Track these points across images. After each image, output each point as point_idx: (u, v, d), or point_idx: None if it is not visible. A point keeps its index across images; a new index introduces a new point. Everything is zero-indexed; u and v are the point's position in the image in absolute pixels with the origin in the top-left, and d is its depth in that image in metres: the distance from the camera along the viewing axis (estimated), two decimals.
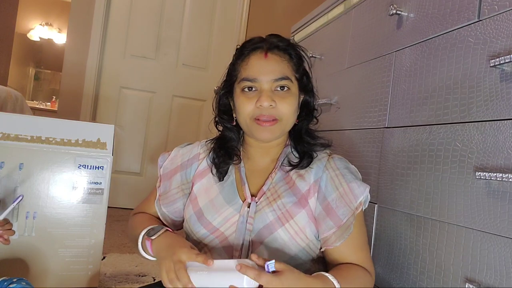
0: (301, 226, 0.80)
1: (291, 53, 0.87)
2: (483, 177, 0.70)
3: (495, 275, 0.69)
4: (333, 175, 0.84)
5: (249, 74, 0.84)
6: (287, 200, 0.82)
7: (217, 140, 0.94)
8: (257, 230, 0.81)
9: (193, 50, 2.90)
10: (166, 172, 0.96)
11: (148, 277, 1.50)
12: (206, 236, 0.83)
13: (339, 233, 0.79)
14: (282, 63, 0.85)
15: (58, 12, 5.51)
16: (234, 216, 0.83)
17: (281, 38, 0.87)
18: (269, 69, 0.83)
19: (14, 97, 2.88)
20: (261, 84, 0.83)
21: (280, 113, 0.83)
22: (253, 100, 0.82)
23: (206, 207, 0.86)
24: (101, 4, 2.71)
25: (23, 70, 5.60)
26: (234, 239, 0.81)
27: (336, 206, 0.81)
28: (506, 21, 0.73)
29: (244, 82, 0.84)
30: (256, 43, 0.87)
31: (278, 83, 0.83)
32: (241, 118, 0.86)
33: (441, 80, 0.89)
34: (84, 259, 1.31)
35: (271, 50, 0.85)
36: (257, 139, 0.86)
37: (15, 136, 1.26)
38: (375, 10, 1.22)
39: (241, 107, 0.84)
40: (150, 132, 2.85)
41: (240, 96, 0.85)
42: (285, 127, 0.86)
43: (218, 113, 0.92)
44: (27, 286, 0.94)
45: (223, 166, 0.89)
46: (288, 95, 0.84)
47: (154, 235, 0.79)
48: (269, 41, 0.86)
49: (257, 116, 0.82)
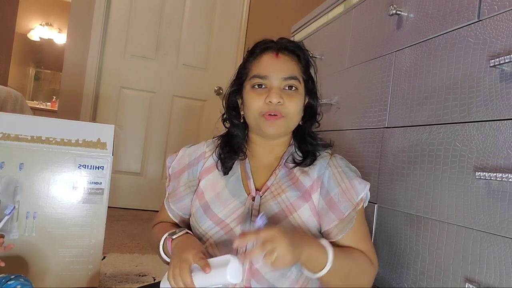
0: (305, 219, 0.84)
1: (300, 56, 0.91)
2: (483, 177, 0.70)
3: (495, 275, 0.69)
4: (335, 172, 0.88)
5: (260, 72, 0.87)
6: (291, 194, 0.85)
7: (223, 137, 0.97)
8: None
9: (193, 50, 2.90)
10: (175, 172, 0.99)
11: (148, 277, 1.51)
12: (212, 228, 0.86)
13: (340, 226, 0.83)
14: (291, 63, 0.89)
15: (58, 12, 5.51)
16: (240, 209, 0.85)
17: (291, 41, 0.92)
18: (279, 67, 0.87)
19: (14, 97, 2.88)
20: (271, 81, 0.87)
21: (287, 110, 0.86)
22: (262, 96, 0.86)
23: (212, 200, 0.89)
24: (101, 4, 2.71)
25: (23, 70, 5.60)
26: (239, 231, 0.83)
27: (338, 200, 0.84)
28: (506, 21, 0.73)
29: (255, 79, 0.88)
30: (268, 44, 0.91)
31: (287, 82, 0.87)
32: (250, 113, 0.88)
33: (441, 80, 0.89)
34: (84, 259, 1.31)
35: (281, 51, 0.89)
36: (264, 133, 0.89)
37: (15, 136, 1.26)
38: (375, 10, 1.22)
39: (250, 102, 0.87)
40: (150, 132, 2.85)
41: (250, 92, 0.88)
42: (290, 124, 0.89)
43: (227, 109, 0.95)
44: (25, 282, 0.94)
45: (228, 161, 0.92)
46: (295, 94, 0.88)
47: (174, 235, 0.84)
48: (280, 42, 0.91)
49: (265, 112, 0.86)
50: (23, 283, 0.93)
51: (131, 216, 2.59)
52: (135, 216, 2.61)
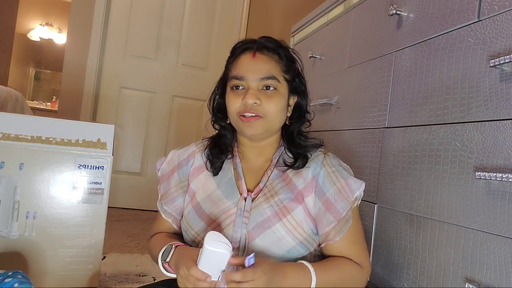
0: (298, 221, 0.83)
1: (281, 54, 0.89)
2: (483, 177, 0.70)
3: (495, 275, 0.69)
4: (330, 171, 0.87)
5: (237, 73, 0.87)
6: (284, 197, 0.85)
7: (212, 138, 0.97)
8: (254, 224, 0.83)
9: (193, 50, 2.90)
10: (165, 174, 0.99)
11: (148, 277, 1.50)
12: (204, 229, 0.85)
13: (338, 227, 0.83)
14: (270, 63, 0.87)
15: (58, 12, 5.51)
16: (232, 209, 0.85)
17: (271, 39, 0.90)
18: (256, 68, 0.86)
19: (14, 97, 2.88)
20: (248, 82, 0.86)
21: (265, 110, 0.85)
22: (240, 97, 0.86)
23: (204, 201, 0.89)
24: (101, 4, 2.71)
25: (23, 70, 5.60)
26: (231, 232, 0.83)
27: (335, 200, 0.84)
28: (506, 21, 0.73)
29: (233, 80, 0.88)
30: (247, 44, 0.90)
31: (264, 82, 0.86)
32: (230, 115, 0.89)
33: (441, 80, 0.89)
34: (84, 259, 1.31)
35: (259, 50, 0.88)
36: (244, 135, 0.89)
37: (15, 136, 1.26)
38: (375, 10, 1.22)
39: (229, 104, 0.88)
40: (150, 132, 2.85)
41: (229, 94, 0.89)
42: (271, 125, 0.88)
43: (213, 112, 0.96)
44: (23, 279, 0.93)
45: (216, 161, 0.92)
46: (274, 94, 0.86)
47: (167, 257, 0.83)
48: (259, 42, 0.89)
49: (242, 112, 0.85)
50: (20, 280, 0.92)
51: (131, 216, 2.59)
52: (135, 216, 2.61)
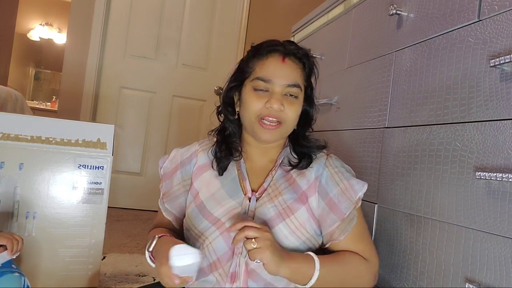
0: (301, 222, 0.84)
1: (305, 63, 0.90)
2: (483, 177, 0.70)
3: (495, 275, 0.69)
4: (333, 172, 0.88)
5: (264, 75, 0.86)
6: (287, 197, 0.85)
7: (219, 132, 0.95)
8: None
9: (193, 50, 2.90)
10: (167, 172, 0.99)
11: (148, 277, 1.51)
12: (208, 228, 0.85)
13: (342, 227, 0.83)
14: (296, 70, 0.88)
15: (58, 12, 5.51)
16: (236, 209, 0.85)
17: (298, 46, 0.90)
18: (284, 73, 0.86)
19: (14, 97, 2.88)
20: (274, 86, 0.85)
21: (286, 117, 0.85)
22: (263, 99, 0.85)
23: (208, 200, 0.88)
24: (101, 4, 2.71)
25: (23, 70, 5.60)
26: (235, 231, 0.82)
27: (338, 201, 0.85)
28: (506, 21, 0.73)
29: (258, 81, 0.86)
30: (275, 45, 0.88)
31: (289, 89, 0.86)
32: (247, 114, 0.87)
33: (441, 80, 0.89)
34: (84, 259, 1.31)
35: (288, 56, 0.87)
36: (258, 139, 0.88)
37: (15, 136, 1.26)
38: (375, 10, 1.22)
39: (250, 104, 0.86)
40: (150, 132, 2.85)
41: (251, 94, 0.87)
42: (286, 131, 0.89)
43: (224, 104, 0.94)
44: (13, 275, 0.92)
45: (224, 161, 0.91)
46: (295, 102, 0.87)
47: (150, 247, 0.84)
48: (288, 47, 0.88)
49: (264, 115, 0.84)
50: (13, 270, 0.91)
51: (131, 216, 2.59)
52: (135, 216, 2.61)
